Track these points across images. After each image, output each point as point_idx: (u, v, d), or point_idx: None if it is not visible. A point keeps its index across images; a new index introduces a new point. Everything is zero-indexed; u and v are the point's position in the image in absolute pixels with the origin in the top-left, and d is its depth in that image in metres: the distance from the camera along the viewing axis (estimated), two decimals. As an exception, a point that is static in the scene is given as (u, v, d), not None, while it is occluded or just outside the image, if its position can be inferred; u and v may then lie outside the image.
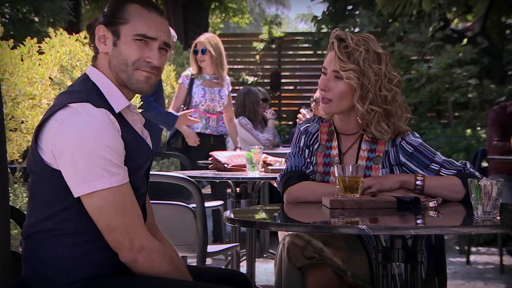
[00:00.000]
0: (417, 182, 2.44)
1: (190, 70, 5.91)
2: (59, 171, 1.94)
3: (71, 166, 1.91)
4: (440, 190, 2.43)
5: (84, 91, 2.00)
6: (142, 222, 1.99)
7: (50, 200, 1.97)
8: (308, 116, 4.01)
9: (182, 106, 5.80)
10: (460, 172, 2.49)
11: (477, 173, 2.47)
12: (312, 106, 4.36)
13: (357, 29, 10.45)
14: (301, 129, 2.67)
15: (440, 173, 2.50)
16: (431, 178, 2.46)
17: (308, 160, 2.59)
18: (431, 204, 2.32)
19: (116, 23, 2.06)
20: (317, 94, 4.12)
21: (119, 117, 2.03)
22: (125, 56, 2.06)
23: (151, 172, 2.24)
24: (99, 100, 1.99)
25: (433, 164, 2.51)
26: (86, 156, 1.90)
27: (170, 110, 5.79)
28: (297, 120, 4.11)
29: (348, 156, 2.59)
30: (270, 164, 4.03)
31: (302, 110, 4.19)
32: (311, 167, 2.59)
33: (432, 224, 2.21)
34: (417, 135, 2.60)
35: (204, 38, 5.76)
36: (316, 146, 2.63)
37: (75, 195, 1.93)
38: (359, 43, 2.50)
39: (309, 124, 2.68)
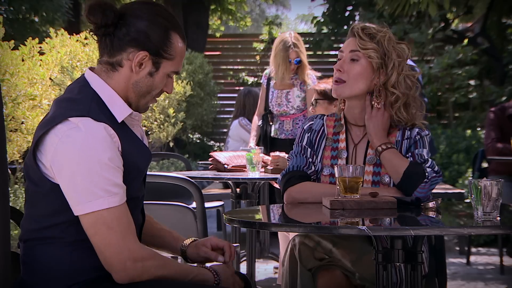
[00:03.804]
0: (383, 146, 2.48)
1: (269, 69, 5.38)
2: (58, 185, 1.92)
3: (70, 184, 1.89)
4: (390, 163, 2.46)
5: (84, 101, 1.96)
6: (136, 239, 1.96)
7: (51, 212, 1.95)
8: (282, 155, 3.98)
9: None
10: (417, 164, 2.47)
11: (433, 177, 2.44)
12: (310, 109, 4.36)
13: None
14: (304, 127, 2.66)
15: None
16: (393, 151, 2.47)
17: (310, 160, 2.59)
18: (431, 204, 2.32)
19: (161, 56, 2.02)
20: (313, 99, 4.12)
21: (121, 124, 2.01)
22: (154, 87, 2.05)
23: (151, 173, 2.23)
24: (99, 111, 1.95)
25: (416, 150, 2.52)
26: (84, 175, 1.87)
27: (255, 115, 5.40)
28: (270, 165, 3.93)
29: (360, 146, 2.59)
30: (267, 163, 3.99)
31: (272, 154, 4.08)
32: (313, 168, 2.58)
33: (432, 224, 2.21)
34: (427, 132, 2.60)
35: (295, 48, 5.05)
36: (324, 142, 2.62)
37: (75, 214, 1.91)
38: (381, 29, 2.53)
39: (312, 122, 2.66)
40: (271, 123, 5.34)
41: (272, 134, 5.27)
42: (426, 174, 2.43)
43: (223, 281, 2.09)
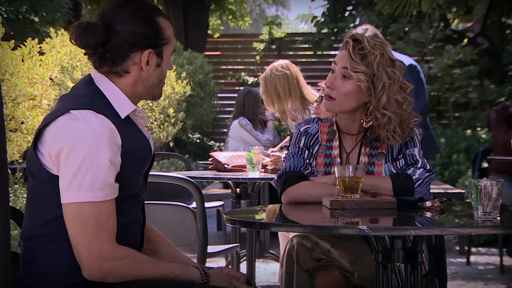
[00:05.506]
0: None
1: None
2: (57, 177, 1.92)
3: (61, 171, 1.90)
4: (372, 188, 2.43)
5: (88, 96, 1.98)
6: (112, 238, 1.93)
7: (49, 206, 1.96)
8: (282, 155, 3.96)
9: None
10: (397, 175, 2.47)
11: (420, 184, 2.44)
12: (314, 106, 4.35)
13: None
14: (301, 129, 2.66)
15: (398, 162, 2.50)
16: (365, 178, 2.43)
17: (307, 161, 2.59)
18: (429, 203, 2.32)
19: (160, 44, 2.05)
20: (318, 95, 4.11)
21: (126, 120, 2.01)
22: (163, 74, 2.09)
23: (151, 173, 2.22)
24: (102, 106, 1.96)
25: (407, 150, 2.51)
26: (75, 165, 1.88)
27: None
28: (270, 164, 3.91)
29: (352, 155, 2.59)
30: (267, 165, 3.99)
31: (272, 154, 4.04)
32: (310, 169, 2.58)
33: (432, 224, 2.21)
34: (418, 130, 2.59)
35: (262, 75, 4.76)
36: (316, 148, 2.62)
37: (62, 202, 1.91)
38: (375, 47, 2.47)
39: (309, 125, 2.67)
40: None
41: None
42: (414, 177, 2.44)
43: (215, 281, 2.06)
